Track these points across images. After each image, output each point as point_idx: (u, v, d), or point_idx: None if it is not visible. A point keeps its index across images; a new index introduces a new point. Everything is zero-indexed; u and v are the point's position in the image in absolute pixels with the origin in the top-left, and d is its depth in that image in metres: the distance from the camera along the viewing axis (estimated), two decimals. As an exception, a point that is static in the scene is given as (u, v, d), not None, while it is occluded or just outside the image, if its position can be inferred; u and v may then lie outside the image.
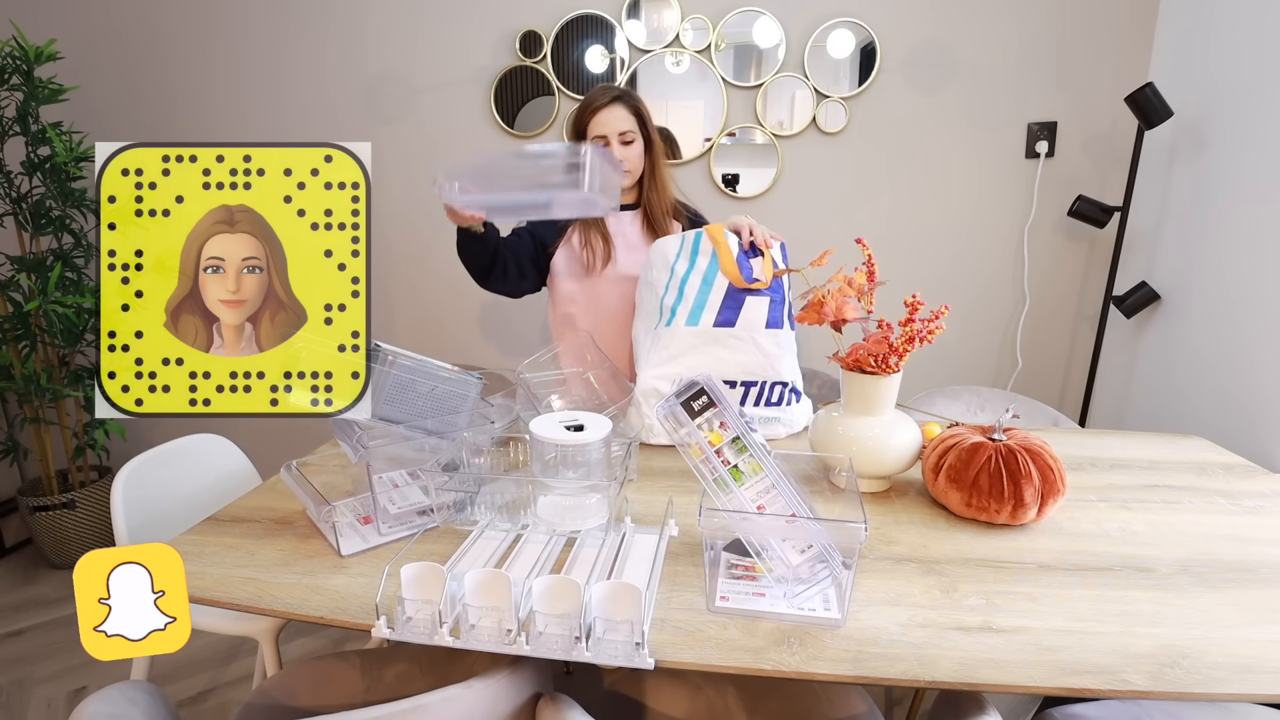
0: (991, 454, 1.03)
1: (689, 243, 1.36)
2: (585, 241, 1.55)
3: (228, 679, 1.77)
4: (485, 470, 1.13)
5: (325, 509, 0.99)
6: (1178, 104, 1.86)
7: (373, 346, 0.96)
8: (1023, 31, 2.13)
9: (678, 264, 1.35)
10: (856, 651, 0.75)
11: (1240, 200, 1.71)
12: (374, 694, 1.01)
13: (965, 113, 2.21)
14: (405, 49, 2.31)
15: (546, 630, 0.75)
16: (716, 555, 0.91)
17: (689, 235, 1.36)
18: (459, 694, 0.74)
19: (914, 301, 1.06)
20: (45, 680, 1.78)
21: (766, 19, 2.17)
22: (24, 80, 2.05)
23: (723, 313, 1.32)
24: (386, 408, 1.01)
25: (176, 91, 2.40)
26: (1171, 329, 1.95)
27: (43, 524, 2.27)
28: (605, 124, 1.47)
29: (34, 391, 2.15)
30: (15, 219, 2.12)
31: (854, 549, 0.81)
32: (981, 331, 2.38)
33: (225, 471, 1.43)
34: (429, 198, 2.42)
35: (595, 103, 1.48)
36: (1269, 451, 1.50)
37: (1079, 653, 0.74)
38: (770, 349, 1.33)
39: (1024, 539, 1.00)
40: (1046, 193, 2.22)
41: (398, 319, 2.56)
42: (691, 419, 0.86)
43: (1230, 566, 0.93)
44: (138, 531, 1.23)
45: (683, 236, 1.37)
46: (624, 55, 2.24)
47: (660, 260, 1.37)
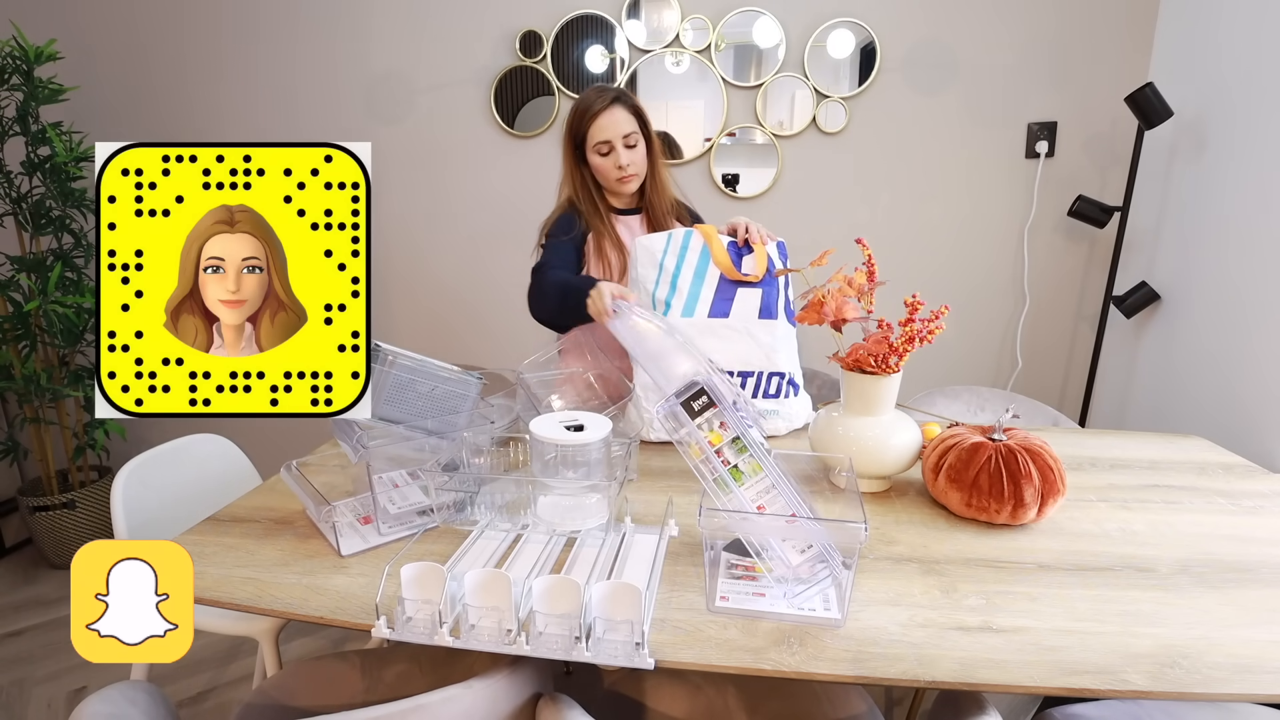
0: (991, 454, 1.03)
1: (677, 240, 1.36)
2: (600, 253, 1.49)
3: (228, 679, 1.77)
4: (485, 470, 1.13)
5: (325, 509, 0.99)
6: (1178, 104, 1.86)
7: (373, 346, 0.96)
8: (1022, 31, 2.13)
9: (666, 259, 1.35)
10: (856, 651, 0.75)
11: (1240, 200, 1.71)
12: (374, 694, 1.01)
13: (965, 113, 2.21)
14: (406, 49, 2.31)
15: (546, 630, 0.75)
16: (716, 555, 0.91)
17: (677, 233, 1.37)
18: (459, 694, 0.74)
19: (914, 301, 1.06)
20: (45, 680, 1.78)
21: (766, 19, 2.17)
22: (24, 80, 2.05)
23: (716, 304, 1.34)
24: (386, 408, 1.01)
25: (176, 91, 2.40)
26: (1171, 329, 1.95)
27: (43, 524, 2.27)
28: (608, 129, 1.42)
29: (34, 391, 2.15)
30: (15, 219, 2.12)
31: (854, 549, 0.81)
32: (981, 331, 2.38)
33: (225, 471, 1.43)
34: (429, 198, 2.42)
35: (594, 107, 1.42)
36: (1269, 451, 1.50)
37: (1079, 653, 0.74)
38: (765, 339, 1.34)
39: (1024, 539, 1.00)
40: (1046, 193, 2.22)
41: (398, 319, 2.56)
42: (691, 419, 0.86)
43: (1230, 566, 0.93)
44: (138, 531, 1.23)
45: (670, 234, 1.37)
46: (624, 55, 2.24)
47: (646, 257, 1.37)
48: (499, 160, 2.37)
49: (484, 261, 2.47)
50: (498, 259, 2.45)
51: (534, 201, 2.39)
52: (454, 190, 2.42)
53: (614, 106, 1.42)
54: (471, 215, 2.44)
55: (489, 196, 2.41)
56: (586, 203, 1.50)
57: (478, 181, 2.40)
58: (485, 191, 2.41)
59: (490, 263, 2.46)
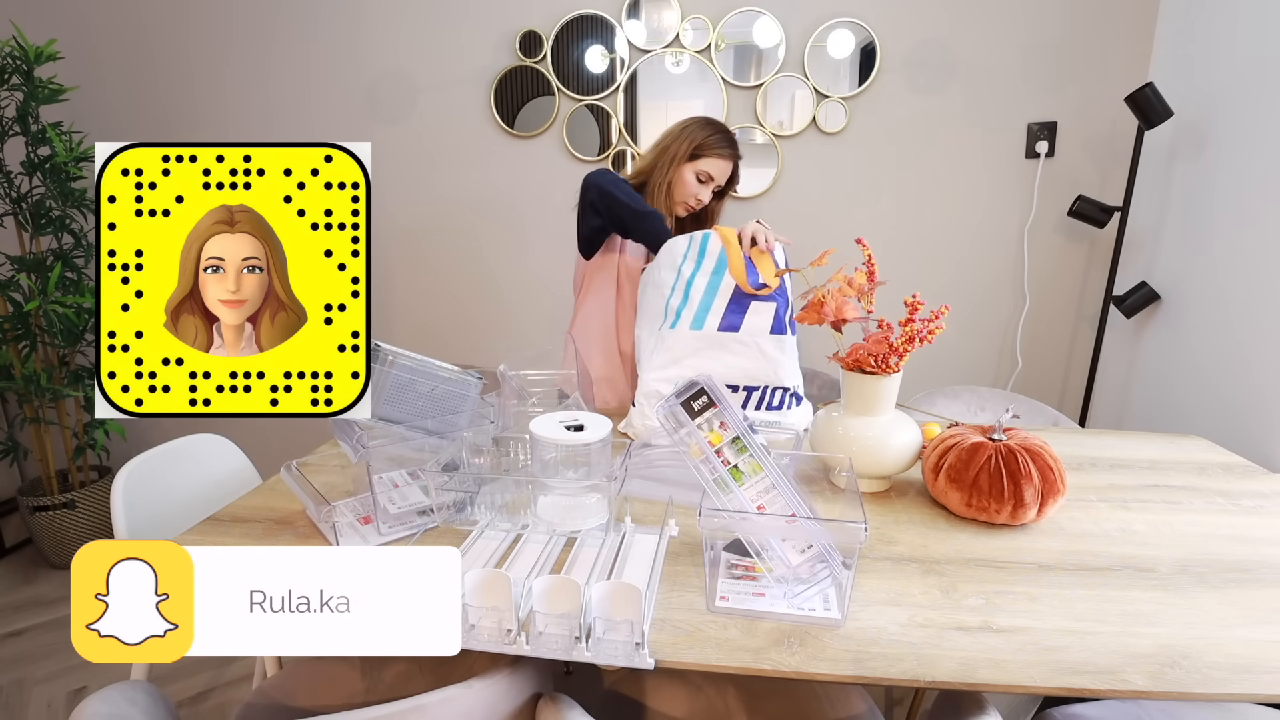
0: (991, 454, 1.03)
1: (696, 243, 1.35)
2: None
3: (228, 679, 1.77)
4: (485, 470, 1.13)
5: (325, 509, 0.99)
6: (1178, 104, 1.86)
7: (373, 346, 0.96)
8: (1023, 31, 2.13)
9: (684, 265, 1.35)
10: (856, 651, 0.75)
11: (1240, 200, 1.71)
12: (374, 694, 1.01)
13: (965, 113, 2.21)
14: (405, 49, 2.31)
15: (546, 630, 0.75)
16: (716, 555, 0.91)
17: (696, 235, 1.35)
18: (459, 694, 0.74)
19: (914, 301, 1.06)
20: (45, 680, 1.78)
21: (766, 19, 2.17)
22: (24, 80, 2.05)
23: (727, 317, 1.31)
24: (386, 408, 1.01)
25: (177, 91, 2.40)
26: (1171, 329, 1.95)
27: (43, 524, 2.27)
28: (718, 170, 1.56)
29: (34, 391, 2.15)
30: (15, 219, 2.12)
31: (854, 549, 0.80)
32: (981, 331, 2.38)
33: (225, 471, 1.42)
34: (429, 198, 2.42)
35: (727, 148, 1.55)
36: (1269, 451, 1.50)
37: (1079, 653, 0.74)
38: (774, 354, 1.32)
39: (1024, 539, 1.00)
40: (1046, 193, 2.22)
41: (398, 319, 2.56)
42: (691, 419, 0.86)
43: (1230, 566, 0.93)
44: (138, 531, 1.23)
45: (690, 237, 1.36)
46: (624, 55, 2.24)
47: (669, 260, 1.37)
48: (499, 160, 2.37)
49: (484, 261, 2.47)
50: (498, 259, 2.45)
51: (534, 201, 2.40)
52: (454, 190, 2.42)
53: (733, 160, 1.58)
54: (471, 215, 2.44)
55: (489, 196, 2.41)
56: (659, 195, 1.57)
57: (478, 181, 2.40)
58: (485, 191, 2.41)
59: (490, 263, 2.47)
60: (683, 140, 1.54)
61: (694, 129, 1.55)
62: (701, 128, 1.55)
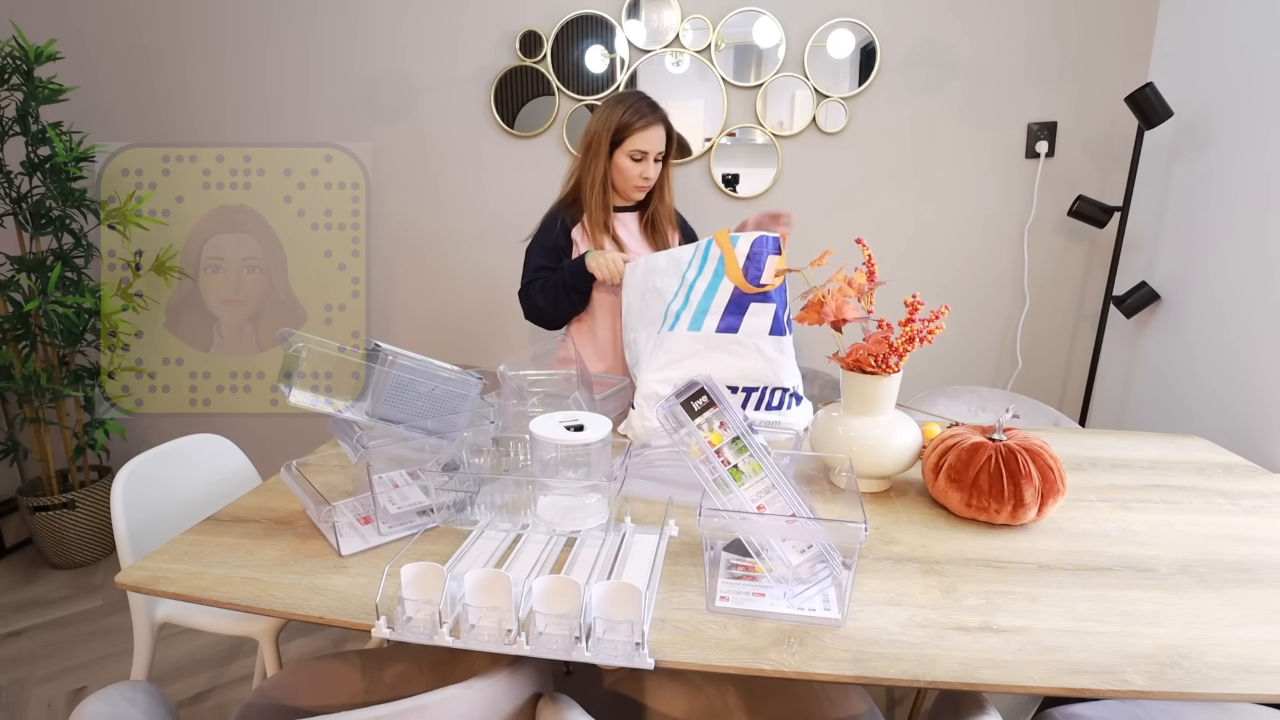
0: (991, 454, 1.03)
1: (700, 250, 1.36)
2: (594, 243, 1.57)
3: (228, 679, 1.77)
4: (485, 470, 1.13)
5: (325, 509, 0.99)
6: (1178, 104, 1.86)
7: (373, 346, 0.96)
8: (1023, 31, 2.13)
9: (688, 271, 1.36)
10: (856, 651, 0.75)
11: (1240, 200, 1.71)
12: (374, 694, 1.01)
13: (965, 113, 2.21)
14: (405, 49, 2.31)
15: (546, 630, 0.75)
16: (716, 555, 0.91)
17: (701, 243, 1.37)
18: (459, 694, 0.74)
19: (914, 301, 1.06)
20: (45, 680, 1.78)
21: (766, 19, 2.17)
22: (24, 80, 2.05)
23: (726, 318, 1.31)
24: (386, 408, 1.01)
25: (177, 91, 2.40)
26: (1171, 329, 1.95)
27: (43, 524, 2.27)
28: (648, 142, 1.52)
29: (34, 391, 2.15)
30: (15, 219, 2.11)
31: (854, 549, 0.81)
32: (982, 331, 2.38)
33: (225, 471, 1.42)
34: (428, 198, 2.42)
35: (645, 118, 1.50)
36: (1269, 451, 1.50)
37: (1079, 653, 0.74)
38: (773, 355, 1.32)
39: (1024, 539, 1.00)
40: (1046, 193, 2.22)
41: (398, 319, 2.56)
42: (691, 419, 0.86)
43: (1230, 566, 0.93)
44: (138, 531, 1.23)
45: (695, 246, 1.37)
46: (624, 55, 2.24)
47: (674, 267, 1.38)
48: (499, 160, 2.37)
49: (484, 261, 2.47)
50: (498, 259, 2.45)
51: (534, 201, 2.39)
52: (454, 190, 2.42)
53: (659, 124, 1.53)
54: (471, 215, 2.43)
55: (489, 196, 2.41)
56: (595, 193, 1.56)
57: (478, 181, 2.40)
58: (485, 191, 2.41)
59: (490, 262, 2.46)
60: (603, 130, 1.52)
61: (608, 113, 1.52)
62: (614, 108, 1.52)
